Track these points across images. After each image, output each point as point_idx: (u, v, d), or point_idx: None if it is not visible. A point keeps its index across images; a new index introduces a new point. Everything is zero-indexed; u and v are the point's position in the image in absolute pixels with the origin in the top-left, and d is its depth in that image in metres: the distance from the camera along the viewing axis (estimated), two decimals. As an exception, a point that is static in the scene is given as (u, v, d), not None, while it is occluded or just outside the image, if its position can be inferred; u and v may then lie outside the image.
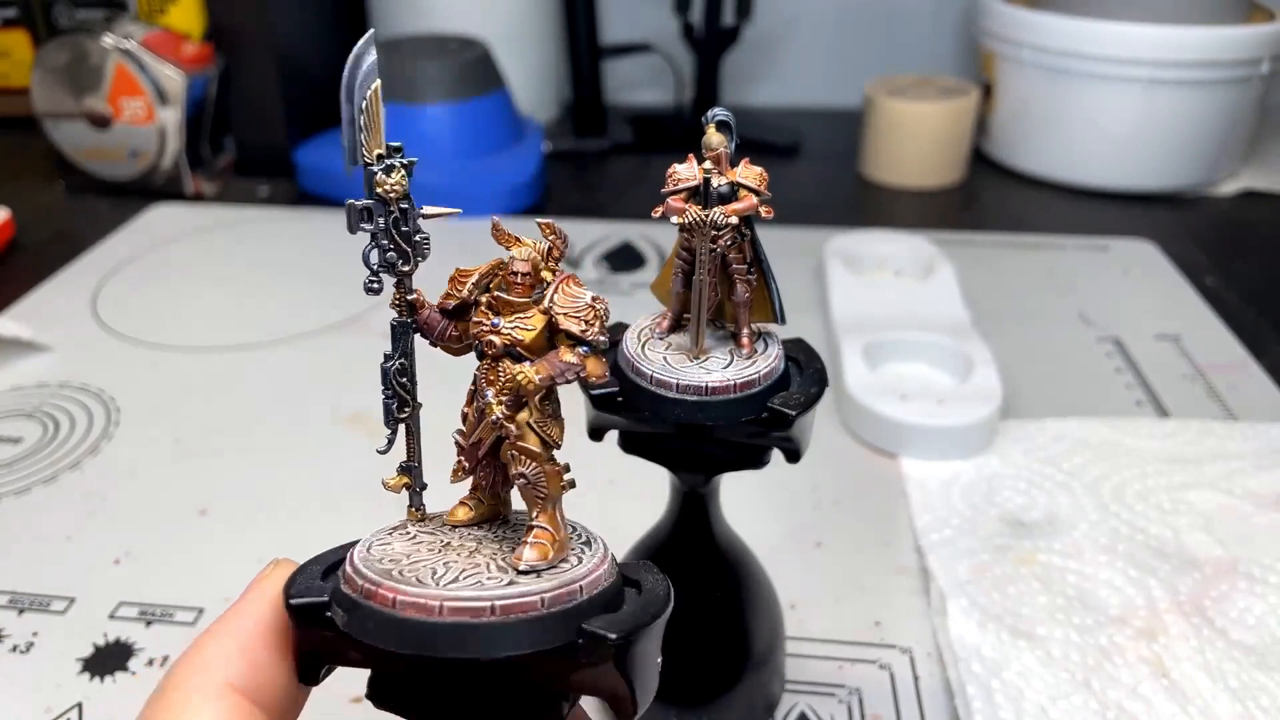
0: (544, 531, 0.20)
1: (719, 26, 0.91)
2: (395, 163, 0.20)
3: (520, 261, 0.20)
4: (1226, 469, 0.48)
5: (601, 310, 0.20)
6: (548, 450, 0.21)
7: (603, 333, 0.20)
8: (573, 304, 0.20)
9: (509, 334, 0.20)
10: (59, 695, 0.37)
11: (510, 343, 0.20)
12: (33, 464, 0.50)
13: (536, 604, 0.19)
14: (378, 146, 0.20)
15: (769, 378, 0.27)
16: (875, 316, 0.58)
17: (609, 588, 0.20)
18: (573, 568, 0.20)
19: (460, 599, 0.19)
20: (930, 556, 0.43)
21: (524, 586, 0.19)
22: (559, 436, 0.21)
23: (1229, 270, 0.71)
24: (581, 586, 0.20)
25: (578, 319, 0.20)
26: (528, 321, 0.20)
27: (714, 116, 0.26)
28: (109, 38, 0.77)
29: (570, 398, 0.28)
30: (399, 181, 0.20)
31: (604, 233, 0.75)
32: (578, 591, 0.20)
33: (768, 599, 0.35)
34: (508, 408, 0.20)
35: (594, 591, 0.20)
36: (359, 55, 0.20)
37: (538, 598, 0.19)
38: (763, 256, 0.28)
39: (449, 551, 0.21)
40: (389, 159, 0.20)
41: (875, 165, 0.87)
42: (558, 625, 0.19)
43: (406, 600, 0.19)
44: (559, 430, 0.21)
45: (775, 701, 0.37)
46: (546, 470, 0.21)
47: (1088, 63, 0.79)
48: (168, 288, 0.69)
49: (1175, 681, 0.37)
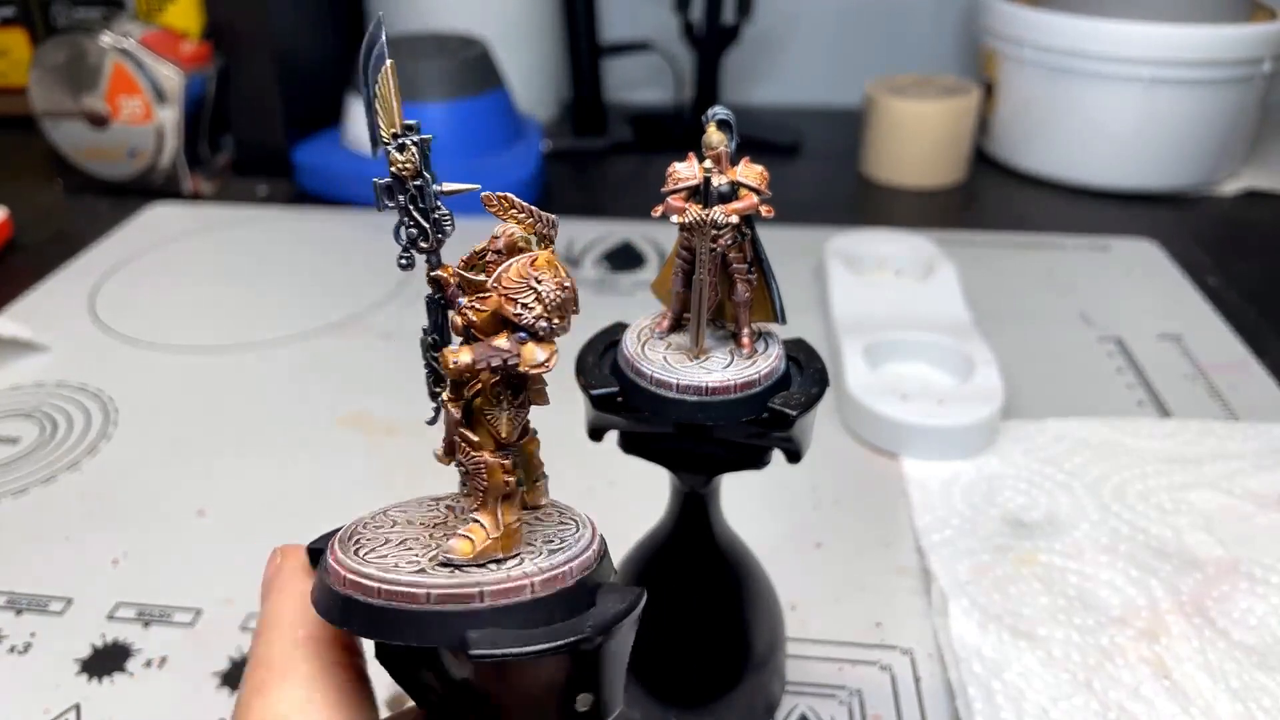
0: (477, 526, 0.20)
1: (719, 25, 0.91)
2: (406, 140, 0.20)
3: (497, 239, 0.20)
4: (1228, 469, 0.48)
5: (549, 293, 0.19)
6: (491, 442, 0.20)
7: (551, 317, 0.19)
8: (517, 284, 0.19)
9: (466, 314, 0.19)
10: (57, 696, 0.37)
11: (465, 323, 0.19)
12: (31, 464, 0.50)
13: (476, 595, 0.19)
14: (391, 125, 0.20)
15: (769, 378, 0.27)
16: (876, 316, 0.58)
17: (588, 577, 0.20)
18: (520, 564, 0.20)
19: (393, 582, 0.19)
20: (931, 557, 0.43)
21: (460, 576, 0.19)
22: (508, 432, 0.20)
23: (1230, 270, 0.71)
24: (533, 584, 0.19)
25: (515, 300, 0.19)
26: (484, 302, 0.19)
27: (714, 115, 0.26)
28: (107, 37, 0.77)
29: (570, 398, 0.28)
30: (409, 159, 0.20)
31: (604, 232, 0.75)
32: (525, 588, 0.19)
33: (768, 600, 0.35)
34: (451, 391, 0.20)
35: (538, 593, 0.19)
36: (370, 40, 0.20)
37: (477, 589, 0.19)
38: (763, 256, 0.28)
39: (422, 531, 0.21)
40: (402, 137, 0.20)
41: (876, 164, 0.87)
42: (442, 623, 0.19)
43: (348, 577, 0.19)
44: (509, 425, 0.20)
45: (776, 702, 0.36)
46: (488, 463, 0.20)
47: (1089, 62, 0.79)
48: (166, 287, 0.69)
49: (1177, 682, 0.37)
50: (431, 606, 0.19)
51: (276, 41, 0.83)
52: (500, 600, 0.19)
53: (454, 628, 0.18)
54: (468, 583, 0.19)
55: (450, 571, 0.19)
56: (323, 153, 0.83)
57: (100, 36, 0.77)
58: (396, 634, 0.19)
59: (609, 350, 0.29)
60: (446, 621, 0.19)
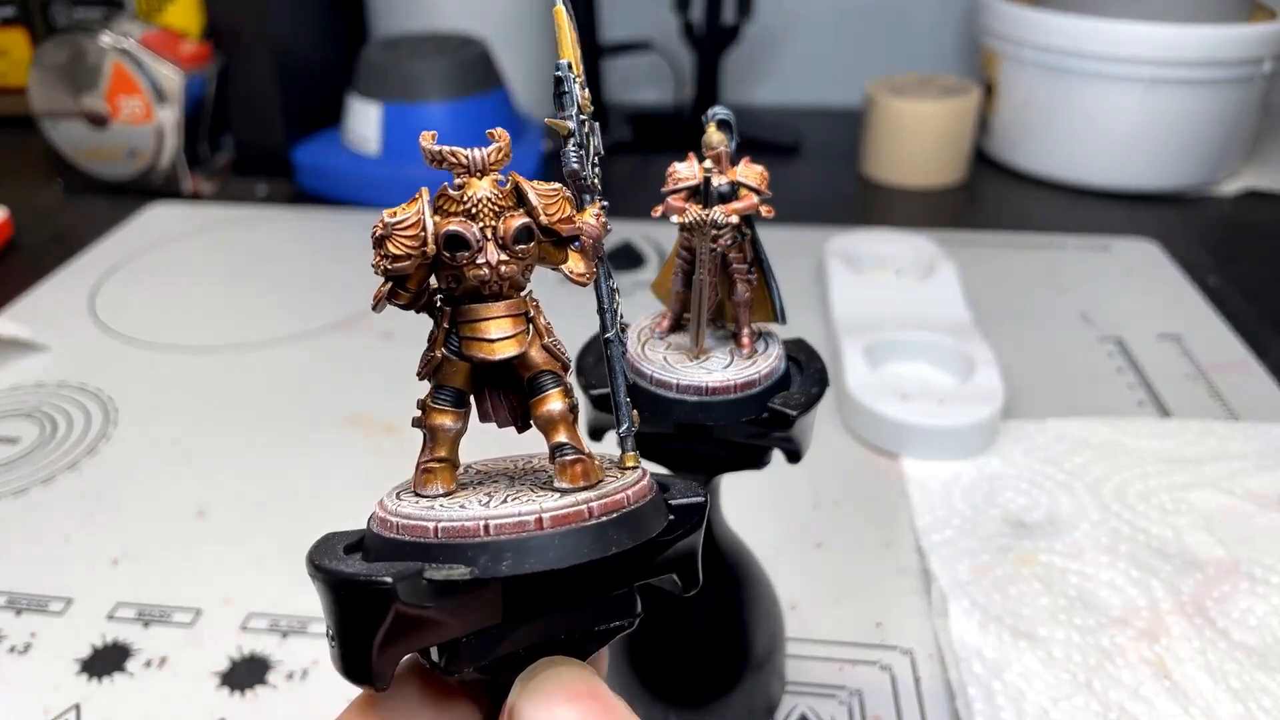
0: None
1: (719, 25, 0.91)
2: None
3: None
4: (1228, 469, 0.48)
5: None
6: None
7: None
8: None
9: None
10: (57, 696, 0.37)
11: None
12: (30, 464, 0.50)
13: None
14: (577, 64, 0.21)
15: (769, 378, 0.27)
16: (876, 316, 0.58)
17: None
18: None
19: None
20: (931, 557, 0.43)
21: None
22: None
23: (1231, 270, 0.71)
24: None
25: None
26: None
27: (714, 115, 0.26)
28: (107, 37, 0.77)
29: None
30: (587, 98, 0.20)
31: (604, 232, 0.75)
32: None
33: (768, 600, 0.35)
34: None
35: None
36: None
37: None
38: (763, 256, 0.28)
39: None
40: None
41: (876, 164, 0.87)
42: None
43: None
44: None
45: (775, 703, 0.36)
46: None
47: (1089, 62, 0.79)
48: (166, 287, 0.69)
49: (1177, 682, 0.37)
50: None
51: (276, 41, 0.83)
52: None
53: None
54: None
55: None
56: (323, 153, 0.83)
57: (100, 36, 0.77)
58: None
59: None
60: None
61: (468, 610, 0.17)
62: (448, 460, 0.20)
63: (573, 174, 0.20)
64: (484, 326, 0.19)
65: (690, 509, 0.20)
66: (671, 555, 0.20)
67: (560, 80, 0.20)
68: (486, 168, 0.19)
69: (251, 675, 0.38)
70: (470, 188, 0.18)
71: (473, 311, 0.19)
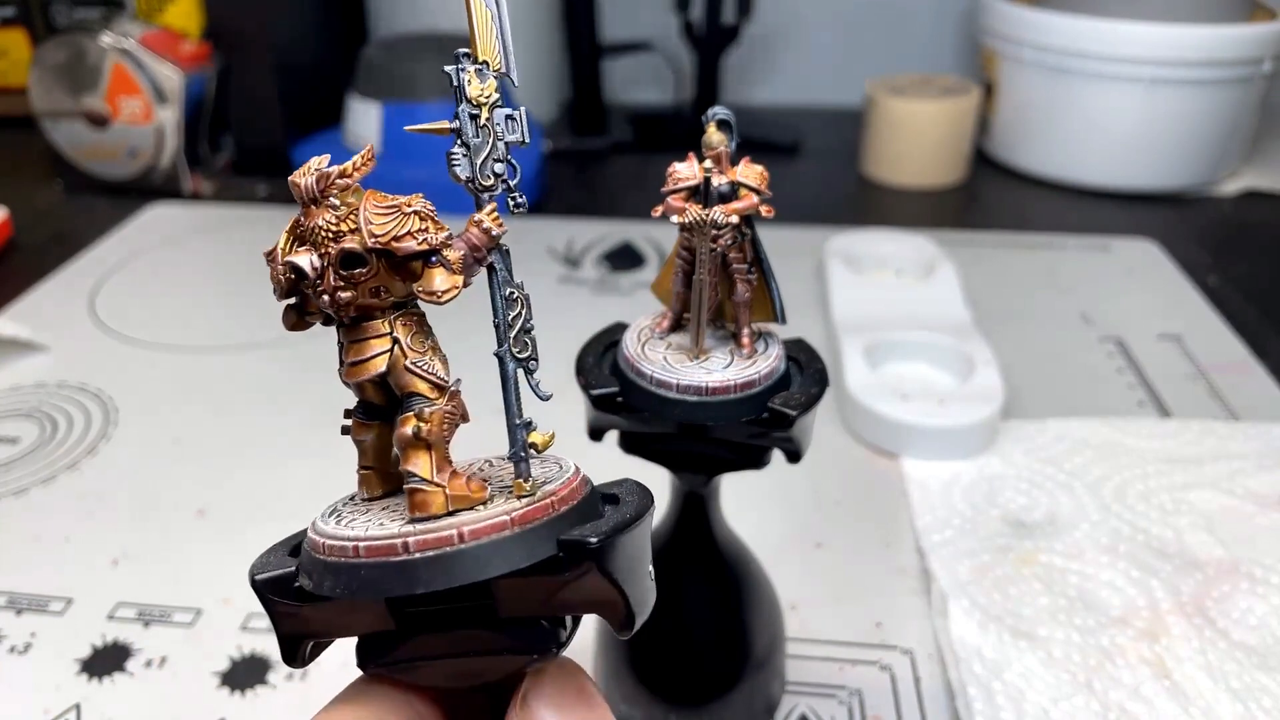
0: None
1: (719, 25, 0.91)
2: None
3: None
4: (1228, 469, 0.48)
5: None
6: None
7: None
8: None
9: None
10: (57, 696, 0.37)
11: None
12: (31, 464, 0.50)
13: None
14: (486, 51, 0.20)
15: (769, 378, 0.27)
16: (876, 316, 0.58)
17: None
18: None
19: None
20: (931, 557, 0.43)
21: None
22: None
23: (1231, 270, 0.71)
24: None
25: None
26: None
27: (714, 115, 0.26)
28: (107, 37, 0.77)
29: (570, 398, 0.28)
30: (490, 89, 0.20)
31: (604, 232, 0.75)
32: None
33: (768, 600, 0.35)
34: None
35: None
36: None
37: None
38: (763, 256, 0.28)
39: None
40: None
41: (876, 164, 0.87)
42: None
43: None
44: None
45: (775, 703, 0.36)
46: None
47: (1089, 62, 0.79)
48: (166, 287, 0.69)
49: (1177, 683, 0.37)
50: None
51: (276, 41, 0.83)
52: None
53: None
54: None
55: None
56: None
57: (100, 36, 0.77)
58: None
59: (609, 350, 0.29)
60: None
61: (352, 616, 0.19)
62: (372, 468, 0.21)
63: (459, 180, 0.19)
64: (350, 349, 0.19)
65: (576, 547, 0.18)
66: (519, 596, 0.18)
67: (450, 76, 0.19)
68: (314, 195, 0.18)
69: (251, 675, 0.38)
70: (308, 216, 0.18)
71: (346, 334, 0.19)
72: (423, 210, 0.18)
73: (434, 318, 0.20)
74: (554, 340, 0.32)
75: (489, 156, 0.19)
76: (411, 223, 0.18)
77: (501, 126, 0.20)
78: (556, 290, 0.67)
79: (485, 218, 0.19)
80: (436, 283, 0.18)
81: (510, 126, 0.20)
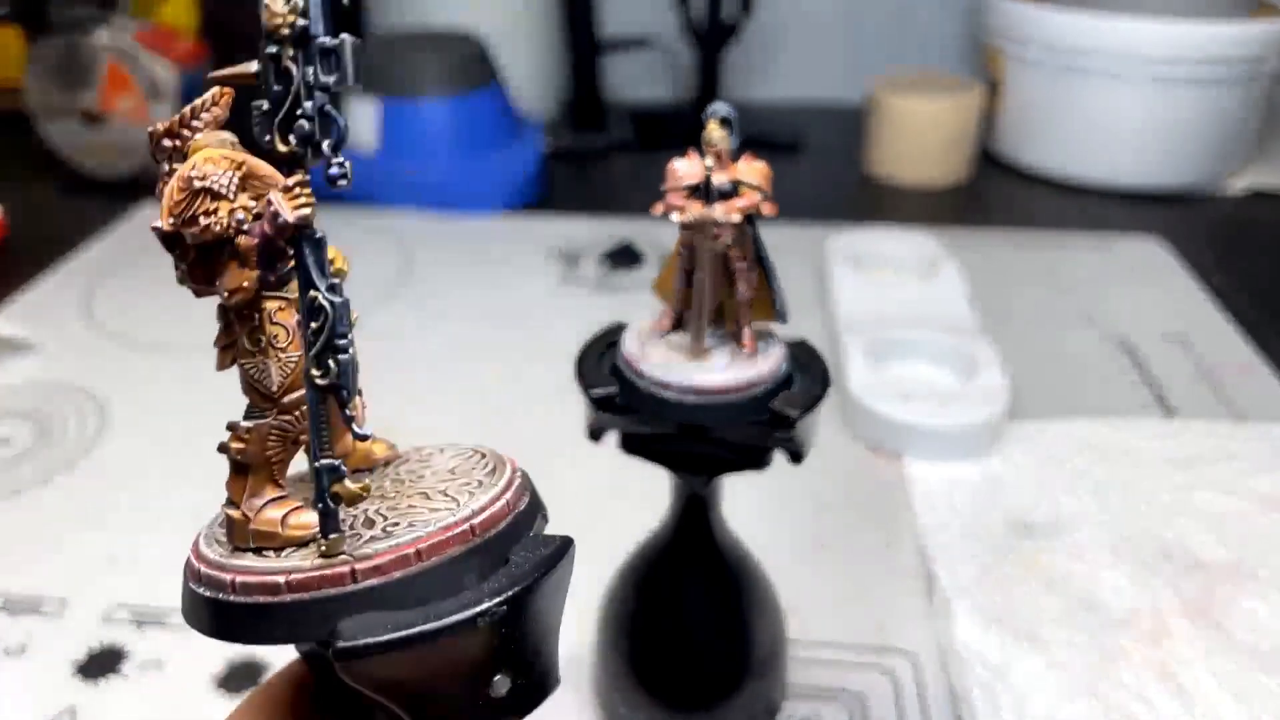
0: None
1: (720, 21, 0.91)
2: None
3: None
4: (1233, 470, 0.48)
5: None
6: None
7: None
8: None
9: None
10: (52, 699, 0.37)
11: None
12: (25, 465, 0.50)
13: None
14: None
15: (771, 378, 0.27)
16: (879, 315, 0.58)
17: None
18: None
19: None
20: (934, 559, 0.42)
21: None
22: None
23: (1237, 269, 0.70)
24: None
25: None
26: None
27: (715, 112, 0.26)
28: (102, 34, 0.77)
29: (570, 398, 0.28)
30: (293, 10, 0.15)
31: (604, 232, 0.74)
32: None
33: (769, 603, 0.34)
34: None
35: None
36: None
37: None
38: (764, 254, 0.27)
39: None
40: None
41: (879, 162, 0.86)
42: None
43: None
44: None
45: (777, 707, 0.36)
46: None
47: (1094, 60, 0.78)
48: (161, 287, 0.68)
49: (1181, 685, 0.36)
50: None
51: (274, 38, 0.82)
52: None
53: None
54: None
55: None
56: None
57: (95, 34, 0.77)
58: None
59: (609, 350, 0.29)
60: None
61: None
62: None
63: (262, 143, 0.15)
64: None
65: (366, 641, 0.15)
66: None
67: None
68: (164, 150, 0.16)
69: (246, 678, 0.38)
70: None
71: None
72: (216, 185, 0.15)
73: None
74: (554, 340, 0.31)
75: (291, 109, 0.14)
76: (201, 202, 0.15)
77: (313, 67, 0.15)
78: (556, 290, 0.66)
79: (276, 195, 0.15)
80: (226, 279, 0.15)
81: (326, 65, 0.15)
